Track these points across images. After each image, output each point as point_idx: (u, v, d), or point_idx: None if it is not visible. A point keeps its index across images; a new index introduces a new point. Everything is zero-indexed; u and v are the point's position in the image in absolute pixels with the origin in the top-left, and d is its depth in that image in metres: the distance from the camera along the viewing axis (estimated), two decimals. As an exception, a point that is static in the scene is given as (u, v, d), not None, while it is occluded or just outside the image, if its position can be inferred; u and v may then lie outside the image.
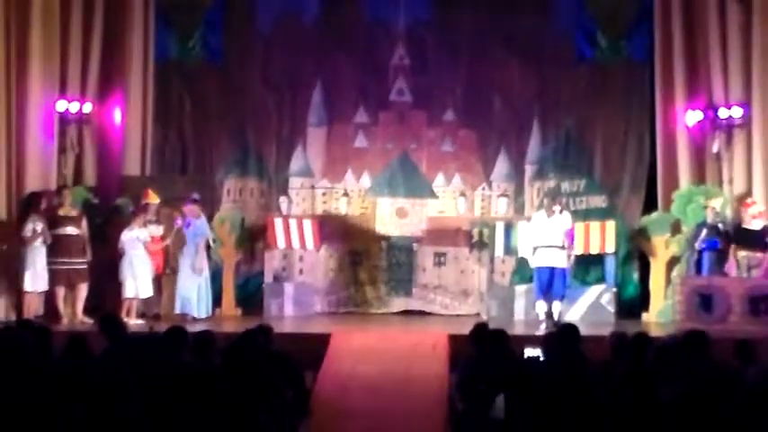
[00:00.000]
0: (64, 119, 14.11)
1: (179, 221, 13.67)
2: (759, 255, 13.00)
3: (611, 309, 13.95)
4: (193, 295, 13.44)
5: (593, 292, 14.04)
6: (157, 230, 13.58)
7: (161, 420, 6.66)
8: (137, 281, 13.15)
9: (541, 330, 12.29)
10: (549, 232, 13.01)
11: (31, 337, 7.55)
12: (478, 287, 14.90)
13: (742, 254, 13.14)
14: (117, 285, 13.24)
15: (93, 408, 6.63)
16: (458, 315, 14.73)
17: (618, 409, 6.47)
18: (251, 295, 14.66)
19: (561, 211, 13.17)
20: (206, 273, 13.61)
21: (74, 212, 13.19)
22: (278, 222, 14.52)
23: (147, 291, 13.29)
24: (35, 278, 12.79)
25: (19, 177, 13.47)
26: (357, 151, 15.46)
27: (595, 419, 6.48)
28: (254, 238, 14.86)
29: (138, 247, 13.19)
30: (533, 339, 9.96)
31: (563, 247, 13.02)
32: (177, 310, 13.41)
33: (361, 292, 15.05)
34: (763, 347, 7.41)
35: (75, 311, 13.08)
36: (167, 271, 13.76)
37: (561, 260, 13.02)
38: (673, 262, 14.14)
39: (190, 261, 13.46)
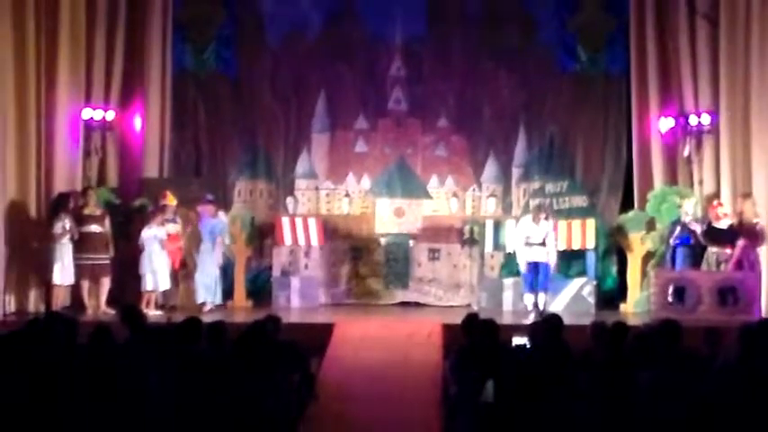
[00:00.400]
0: (89, 125, 14.08)
1: (189, 228, 13.69)
2: (728, 251, 12.97)
3: (592, 300, 13.92)
4: (212, 285, 13.44)
5: (575, 284, 14.00)
6: (175, 228, 13.56)
7: (178, 401, 6.66)
8: (155, 275, 13.13)
9: (529, 319, 12.29)
10: (535, 234, 13.11)
11: (59, 327, 7.54)
12: (470, 280, 14.87)
13: (712, 250, 13.12)
14: (137, 279, 13.22)
15: (116, 391, 6.63)
16: (451, 306, 14.69)
17: (598, 392, 6.47)
18: (260, 288, 14.65)
19: (547, 218, 13.26)
20: (220, 265, 13.63)
21: (98, 212, 13.18)
22: (285, 221, 14.51)
23: (165, 284, 13.27)
24: (63, 272, 12.78)
25: (48, 179, 13.44)
26: (358, 155, 15.45)
27: (577, 401, 6.48)
28: (263, 236, 14.83)
29: (156, 244, 13.17)
30: (521, 328, 9.95)
31: (543, 244, 13.09)
32: (200, 300, 13.38)
33: (362, 285, 15.02)
34: (729, 335, 7.38)
35: (98, 303, 13.06)
36: (182, 269, 13.73)
37: (545, 256, 13.10)
38: (648, 257, 14.11)
39: (208, 255, 13.45)
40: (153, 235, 13.17)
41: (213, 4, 15.48)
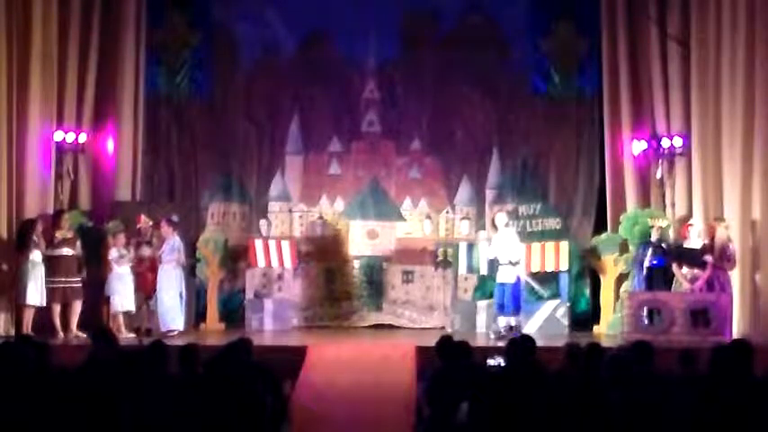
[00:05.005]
0: (61, 148, 14.03)
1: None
2: (698, 271, 13.02)
3: (565, 322, 13.96)
4: (174, 311, 13.22)
5: (549, 306, 14.04)
6: (150, 251, 13.43)
7: (150, 425, 6.61)
8: (121, 296, 13.01)
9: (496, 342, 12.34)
10: (500, 249, 13.10)
11: (30, 351, 7.47)
12: (443, 302, 14.88)
13: (683, 270, 13.17)
14: (109, 302, 13.13)
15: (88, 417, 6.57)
16: (424, 328, 14.70)
17: (572, 412, 6.46)
18: (233, 311, 14.61)
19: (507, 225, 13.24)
20: (181, 289, 13.40)
21: (69, 235, 13.08)
22: (258, 243, 14.47)
23: (129, 305, 13.13)
24: (36, 292, 12.64)
25: (19, 202, 13.33)
26: (331, 178, 15.45)
27: (551, 422, 6.47)
28: (236, 258, 14.79)
29: (121, 265, 13.07)
30: (494, 350, 9.95)
31: (512, 264, 13.05)
32: (162, 328, 13.04)
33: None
34: (702, 356, 7.41)
35: (70, 326, 12.94)
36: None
37: (512, 277, 13.02)
38: (621, 278, 14.18)
39: (167, 279, 13.28)
40: (117, 256, 13.10)
41: (187, 27, 15.45)
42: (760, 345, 7.38)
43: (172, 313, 13.12)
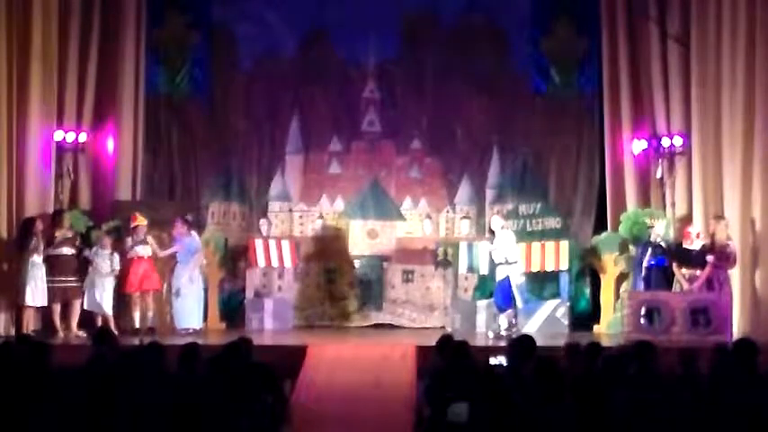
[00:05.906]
0: (61, 147, 14.02)
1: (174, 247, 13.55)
2: (698, 272, 13.01)
3: (566, 321, 13.95)
4: (193, 310, 13.30)
5: (549, 306, 14.03)
6: (145, 250, 13.41)
7: (150, 424, 6.60)
8: (92, 295, 12.95)
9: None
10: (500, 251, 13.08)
11: (30, 351, 7.47)
12: (443, 302, 14.86)
13: (683, 271, 13.16)
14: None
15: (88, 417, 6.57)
16: (424, 328, 14.68)
17: (572, 412, 6.46)
18: (234, 310, 14.60)
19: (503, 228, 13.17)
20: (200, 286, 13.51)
21: (69, 234, 13.08)
22: (258, 243, 14.46)
23: (99, 306, 12.99)
24: (35, 293, 12.64)
25: (19, 202, 13.32)
26: (331, 177, 15.44)
27: (551, 422, 6.46)
28: (236, 258, 14.79)
29: (101, 265, 13.03)
30: (494, 349, 9.94)
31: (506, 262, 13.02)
32: (179, 326, 13.24)
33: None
34: (702, 355, 7.41)
35: (69, 326, 12.93)
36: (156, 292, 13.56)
37: (502, 275, 13.00)
38: (621, 278, 14.18)
39: (189, 279, 13.33)
40: (93, 254, 13.07)
41: (186, 27, 15.44)
42: (760, 344, 7.35)
43: (191, 312, 13.23)
